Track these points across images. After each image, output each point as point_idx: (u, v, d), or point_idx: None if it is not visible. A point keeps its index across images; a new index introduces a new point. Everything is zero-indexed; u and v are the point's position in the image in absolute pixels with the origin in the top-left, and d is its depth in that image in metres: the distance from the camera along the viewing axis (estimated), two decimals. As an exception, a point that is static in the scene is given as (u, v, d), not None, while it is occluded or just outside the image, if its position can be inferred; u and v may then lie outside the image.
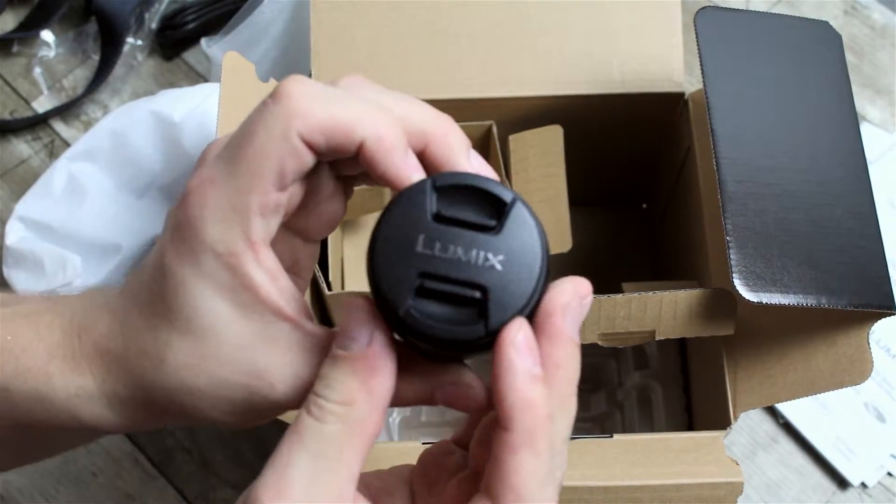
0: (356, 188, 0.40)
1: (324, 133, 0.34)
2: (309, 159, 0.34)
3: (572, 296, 0.34)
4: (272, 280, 0.35)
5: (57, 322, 0.38)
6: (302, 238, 0.39)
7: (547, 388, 0.33)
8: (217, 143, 0.36)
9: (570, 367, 0.34)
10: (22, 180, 0.78)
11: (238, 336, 0.35)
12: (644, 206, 0.78)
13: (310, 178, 0.37)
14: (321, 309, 0.66)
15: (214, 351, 0.35)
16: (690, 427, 0.67)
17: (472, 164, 0.36)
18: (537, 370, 0.33)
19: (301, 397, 0.35)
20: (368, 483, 0.37)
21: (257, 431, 0.69)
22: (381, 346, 0.33)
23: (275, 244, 0.37)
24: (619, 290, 0.60)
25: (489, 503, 0.32)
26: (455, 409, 0.37)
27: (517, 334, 0.33)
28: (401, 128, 0.35)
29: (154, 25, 0.83)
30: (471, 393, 0.36)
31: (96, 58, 0.83)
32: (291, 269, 0.39)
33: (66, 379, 0.37)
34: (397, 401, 0.35)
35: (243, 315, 0.34)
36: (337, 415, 0.33)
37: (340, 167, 0.38)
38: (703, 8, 0.56)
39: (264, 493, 0.33)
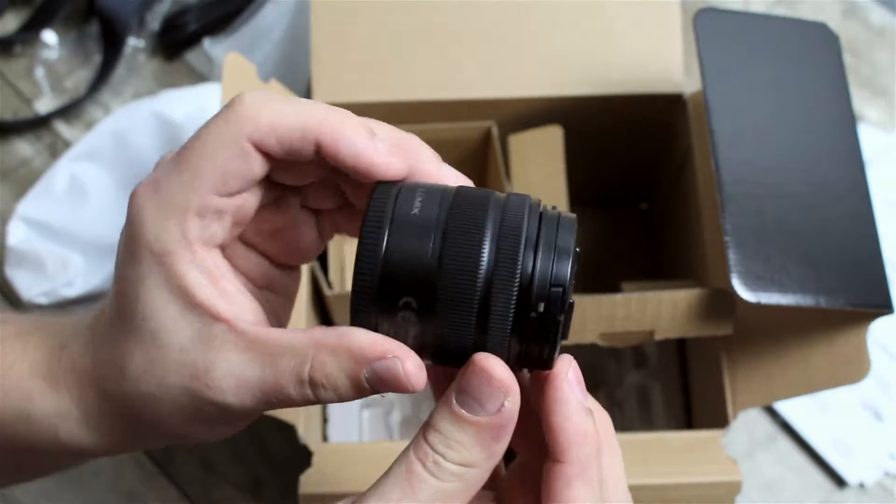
0: None
1: (276, 135, 0.33)
2: (257, 165, 0.34)
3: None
4: (211, 281, 0.34)
5: (43, 342, 0.38)
6: (273, 263, 0.38)
7: (594, 421, 0.34)
8: (167, 154, 0.36)
9: (606, 416, 0.36)
10: (24, 181, 0.79)
11: (180, 338, 0.34)
12: (643, 206, 0.78)
13: (276, 204, 0.37)
14: (321, 309, 0.66)
15: (161, 355, 0.34)
16: (689, 426, 0.67)
17: (445, 173, 0.36)
18: (587, 403, 0.34)
19: (246, 399, 0.34)
20: None
21: (258, 431, 0.69)
22: (511, 414, 0.33)
23: (239, 260, 0.37)
24: (618, 290, 0.60)
25: None
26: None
27: (569, 369, 0.34)
28: (361, 122, 0.35)
29: (156, 26, 0.83)
30: None
31: (98, 59, 0.83)
32: (267, 287, 0.38)
33: (46, 397, 0.37)
34: None
35: (183, 316, 0.34)
36: (456, 475, 0.33)
37: (309, 196, 0.37)
38: (703, 9, 0.57)
39: None
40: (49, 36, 0.84)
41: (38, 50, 0.84)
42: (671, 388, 0.68)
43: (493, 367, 0.32)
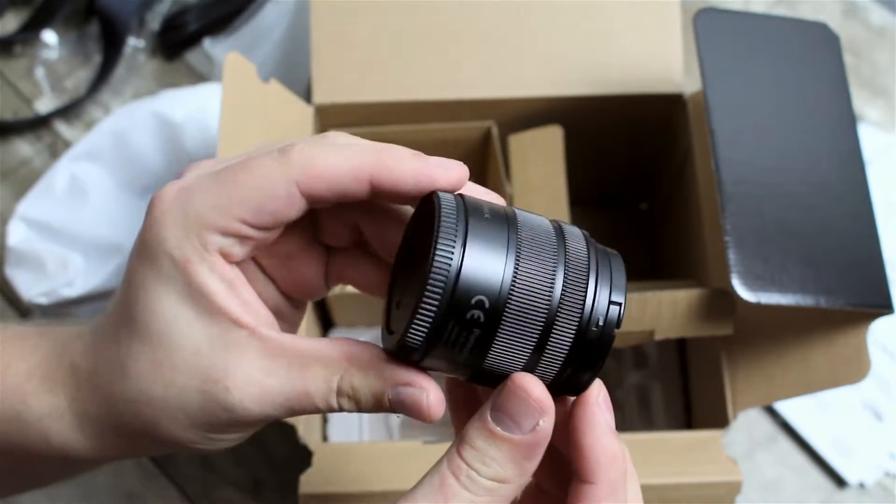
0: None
1: (327, 181, 0.34)
2: (297, 208, 0.34)
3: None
4: (230, 289, 0.35)
5: (42, 344, 0.38)
6: (280, 292, 0.39)
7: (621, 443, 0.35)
8: (202, 163, 0.36)
9: (624, 446, 0.36)
10: (24, 181, 0.79)
11: (194, 341, 0.34)
12: (643, 206, 0.78)
13: (292, 228, 0.37)
14: (322, 309, 0.66)
15: (171, 356, 0.34)
16: (689, 426, 0.67)
17: (472, 188, 0.36)
18: (614, 426, 0.34)
19: (267, 406, 0.34)
20: None
21: (258, 431, 0.69)
22: (546, 433, 0.33)
23: (251, 280, 0.37)
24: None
25: None
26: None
27: (600, 392, 0.34)
28: (401, 147, 0.35)
29: (156, 26, 0.83)
30: None
31: (98, 59, 0.83)
32: (274, 312, 0.39)
33: (40, 397, 0.37)
34: None
35: (199, 320, 0.34)
36: (488, 490, 0.33)
37: (325, 227, 0.38)
38: (703, 9, 0.57)
39: None
40: (49, 36, 0.84)
41: (38, 50, 0.84)
42: (671, 388, 0.68)
43: (532, 386, 0.33)
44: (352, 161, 0.34)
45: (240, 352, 0.34)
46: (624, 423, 0.68)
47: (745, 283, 0.49)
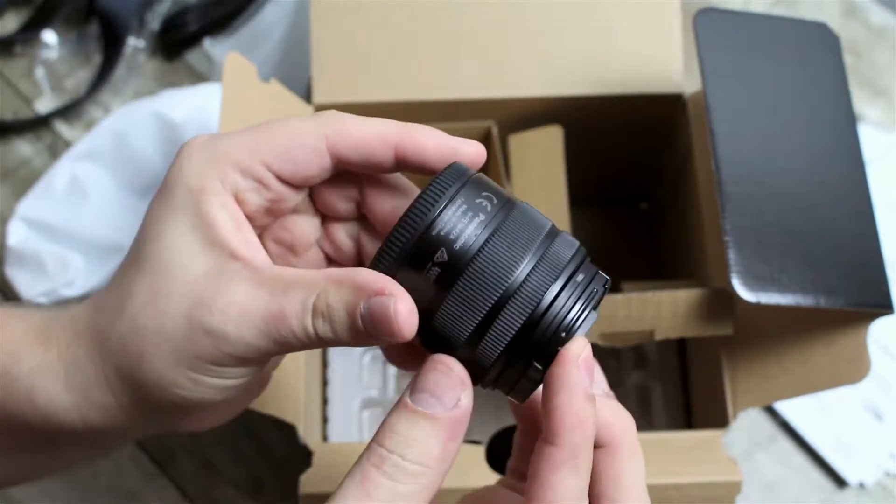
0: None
1: (354, 140, 0.35)
2: (321, 165, 0.36)
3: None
4: (236, 226, 0.35)
5: (45, 308, 0.39)
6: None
7: (594, 409, 0.34)
8: (200, 137, 0.37)
9: (630, 419, 0.36)
10: (24, 181, 0.79)
11: (193, 271, 0.34)
12: (643, 206, 0.78)
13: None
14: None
15: (168, 286, 0.34)
16: (689, 426, 0.67)
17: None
18: (591, 391, 0.33)
19: (244, 330, 0.34)
20: None
21: (258, 431, 0.69)
22: (467, 409, 0.33)
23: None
24: (618, 290, 0.60)
25: None
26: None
27: (582, 352, 0.33)
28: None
29: (156, 26, 0.83)
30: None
31: (98, 59, 0.83)
32: None
33: (32, 351, 0.37)
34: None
35: (201, 251, 0.35)
36: (413, 475, 0.32)
37: (324, 195, 0.38)
38: (703, 9, 0.57)
39: None
40: (49, 36, 0.84)
41: (38, 50, 0.84)
42: (671, 388, 0.69)
43: (450, 360, 0.33)
44: (380, 127, 0.36)
45: (231, 280, 0.34)
46: (624, 423, 0.68)
47: (745, 283, 0.49)
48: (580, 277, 0.34)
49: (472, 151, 0.36)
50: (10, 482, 0.42)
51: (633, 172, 0.73)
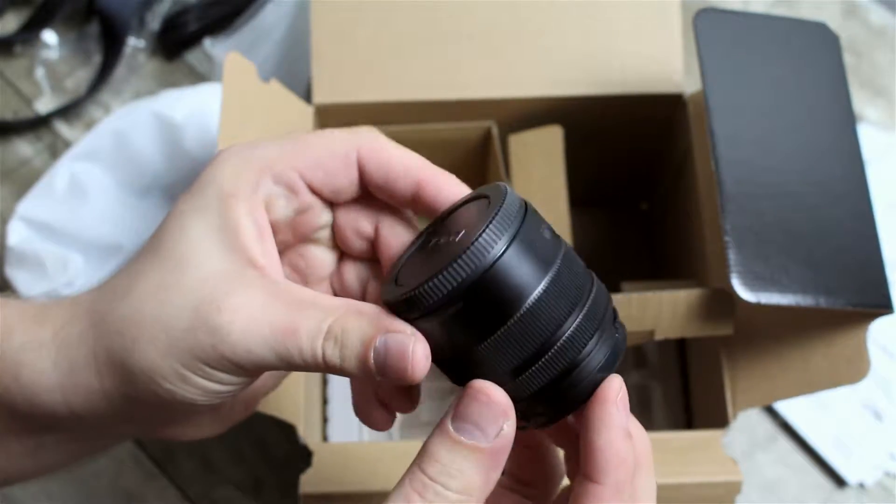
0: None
1: (379, 161, 0.36)
2: (349, 177, 0.36)
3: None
4: (259, 235, 0.35)
5: (45, 299, 0.39)
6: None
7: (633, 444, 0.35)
8: (238, 144, 0.38)
9: (646, 437, 0.37)
10: (24, 181, 0.79)
11: (207, 269, 0.34)
12: (643, 206, 0.78)
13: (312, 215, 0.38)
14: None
15: (181, 278, 0.34)
16: (689, 426, 0.67)
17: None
18: (628, 428, 0.34)
19: (251, 339, 0.33)
20: None
21: (258, 431, 0.69)
22: (509, 439, 0.33)
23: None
24: (618, 290, 0.60)
25: None
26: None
27: (619, 392, 0.34)
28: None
29: (156, 26, 0.83)
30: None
31: (98, 59, 0.83)
32: None
33: (26, 329, 0.37)
34: None
35: (220, 252, 0.35)
36: (455, 503, 0.32)
37: (343, 225, 0.39)
38: (703, 9, 0.57)
39: None
40: (49, 36, 0.84)
41: (38, 50, 0.84)
42: (671, 388, 0.69)
43: (492, 390, 0.33)
44: (410, 158, 0.36)
45: (246, 284, 0.34)
46: (624, 423, 0.68)
47: (745, 283, 0.49)
48: (607, 332, 0.35)
49: None
50: None
51: (633, 172, 0.73)
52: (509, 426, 0.33)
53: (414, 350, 0.33)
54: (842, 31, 0.68)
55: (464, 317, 0.33)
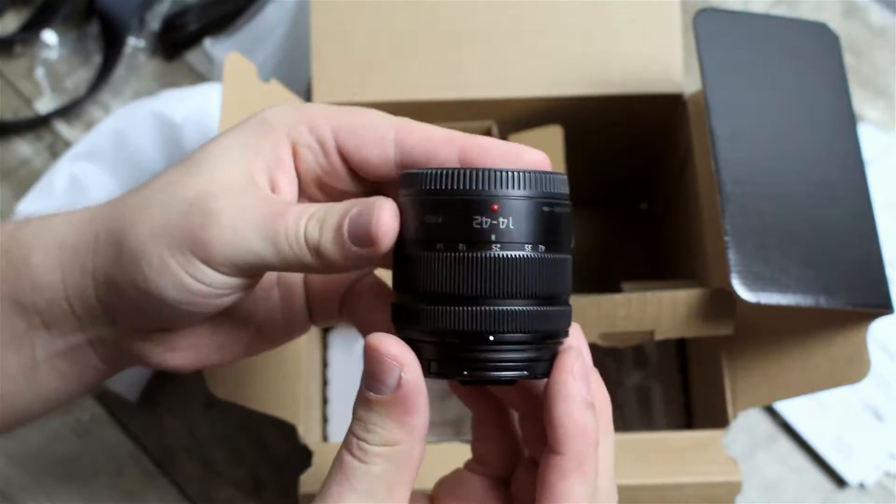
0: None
1: (422, 137, 0.37)
2: (379, 152, 0.37)
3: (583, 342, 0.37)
4: (277, 166, 0.37)
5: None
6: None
7: (595, 415, 0.34)
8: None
9: (607, 398, 0.37)
10: (24, 181, 0.79)
11: (217, 175, 0.36)
12: (644, 206, 0.78)
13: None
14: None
15: (189, 177, 0.36)
16: (689, 426, 0.67)
17: None
18: (589, 398, 0.34)
19: (233, 217, 0.35)
20: None
21: (257, 431, 0.69)
22: (412, 385, 0.33)
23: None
24: (618, 290, 0.60)
25: None
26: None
27: (574, 363, 0.34)
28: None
29: (156, 26, 0.83)
30: None
31: (98, 59, 0.83)
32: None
33: (41, 219, 0.39)
34: None
35: (233, 165, 0.36)
36: (382, 456, 0.33)
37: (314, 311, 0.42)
38: (703, 9, 0.57)
39: None
40: (49, 36, 0.84)
41: (38, 50, 0.84)
42: (671, 388, 0.69)
43: (382, 342, 0.33)
44: (447, 131, 0.37)
45: (248, 192, 0.36)
46: (624, 423, 0.68)
47: (745, 283, 0.49)
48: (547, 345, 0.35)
49: (536, 159, 0.39)
50: None
51: (633, 172, 0.73)
52: (408, 373, 0.33)
53: (382, 206, 0.34)
54: (842, 31, 0.67)
55: (458, 212, 0.33)
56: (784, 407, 0.71)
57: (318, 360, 0.65)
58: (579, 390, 0.34)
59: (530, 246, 0.34)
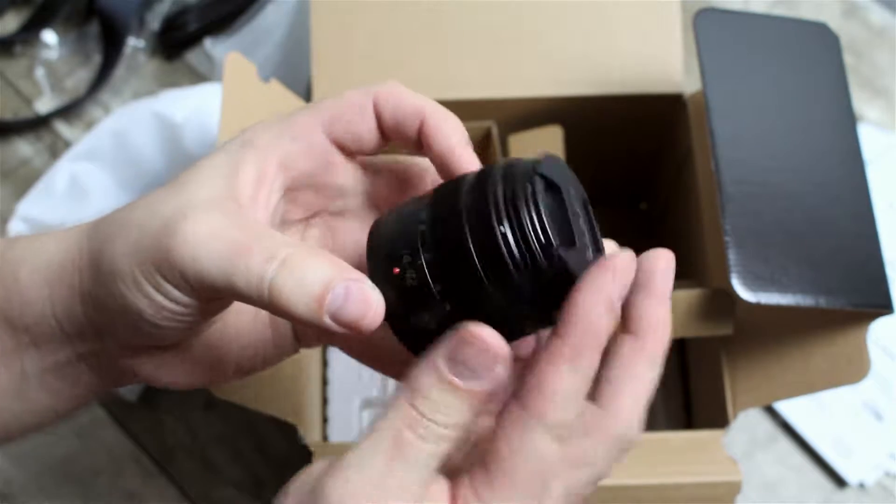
0: None
1: (393, 103, 0.38)
2: (364, 125, 0.38)
3: (670, 262, 0.35)
4: (257, 181, 0.37)
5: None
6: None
7: (614, 323, 0.33)
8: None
9: (665, 328, 0.34)
10: (24, 181, 0.79)
11: (196, 194, 0.35)
12: (644, 206, 0.78)
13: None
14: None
15: (170, 196, 0.35)
16: (689, 426, 0.67)
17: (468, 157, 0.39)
18: (617, 305, 0.33)
19: (199, 250, 0.33)
20: None
21: (257, 431, 0.69)
22: (502, 378, 0.33)
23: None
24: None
25: (520, 409, 0.33)
26: None
27: (626, 262, 0.33)
28: (456, 120, 0.40)
29: (156, 26, 0.83)
30: None
31: (98, 59, 0.83)
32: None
33: (30, 239, 0.39)
34: None
35: (213, 183, 0.36)
36: (444, 438, 0.33)
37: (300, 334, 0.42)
38: (703, 9, 0.57)
39: (363, 500, 0.33)
40: (49, 36, 0.84)
41: (38, 50, 0.84)
42: (671, 388, 0.69)
43: (487, 335, 0.32)
44: (424, 98, 0.39)
45: (223, 211, 0.35)
46: (624, 423, 0.68)
47: (745, 283, 0.49)
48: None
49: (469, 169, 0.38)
50: None
51: (633, 172, 0.73)
52: (503, 368, 0.32)
53: (376, 298, 0.33)
54: (842, 31, 0.67)
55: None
56: (784, 407, 0.71)
57: (318, 360, 0.65)
58: (609, 288, 0.32)
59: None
